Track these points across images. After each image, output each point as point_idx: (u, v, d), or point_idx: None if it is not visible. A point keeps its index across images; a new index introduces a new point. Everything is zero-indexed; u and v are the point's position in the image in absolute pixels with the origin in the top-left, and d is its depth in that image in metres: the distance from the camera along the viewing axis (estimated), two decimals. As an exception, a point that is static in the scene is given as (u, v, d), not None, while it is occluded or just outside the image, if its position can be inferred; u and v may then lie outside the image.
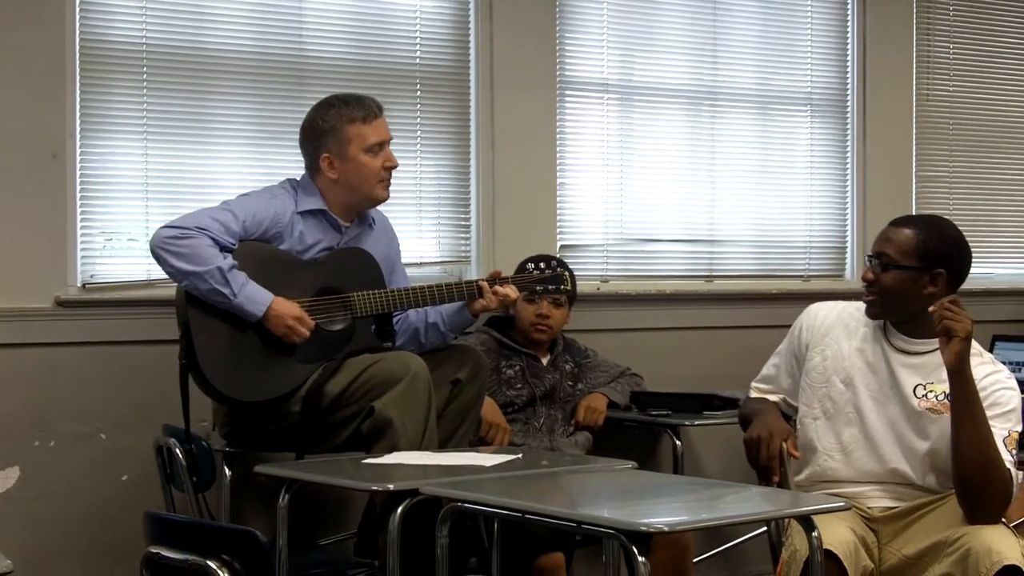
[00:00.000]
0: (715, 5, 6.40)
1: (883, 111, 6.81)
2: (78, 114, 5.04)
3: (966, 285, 4.18)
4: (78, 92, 5.04)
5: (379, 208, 4.92)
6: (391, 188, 4.82)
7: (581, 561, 5.31)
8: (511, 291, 4.77)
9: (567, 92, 6.04)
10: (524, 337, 5.38)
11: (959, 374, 3.86)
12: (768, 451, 4.02)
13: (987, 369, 4.03)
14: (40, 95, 4.98)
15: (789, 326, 4.37)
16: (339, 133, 4.71)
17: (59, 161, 5.00)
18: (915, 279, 4.07)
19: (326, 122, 4.72)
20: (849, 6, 6.75)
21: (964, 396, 3.87)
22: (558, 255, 5.79)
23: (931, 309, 3.91)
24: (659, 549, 4.79)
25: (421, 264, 5.65)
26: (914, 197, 6.91)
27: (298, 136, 4.84)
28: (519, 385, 5.29)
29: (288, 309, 4.50)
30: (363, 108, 4.75)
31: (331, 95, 4.85)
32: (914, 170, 6.93)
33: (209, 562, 3.39)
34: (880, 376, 4.13)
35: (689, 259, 6.39)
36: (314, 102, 4.90)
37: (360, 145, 4.71)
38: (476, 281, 4.79)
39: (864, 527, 4.02)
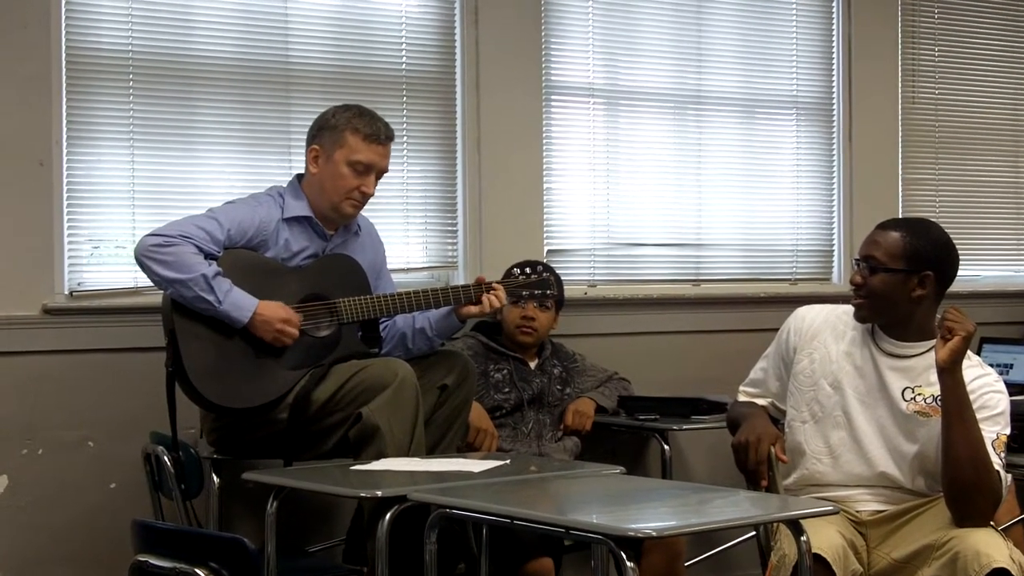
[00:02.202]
0: (700, 9, 6.41)
1: (869, 114, 6.81)
2: (64, 121, 5.04)
3: (953, 288, 4.19)
4: (64, 99, 5.03)
5: (365, 214, 4.92)
6: (380, 194, 4.82)
7: (570, 566, 5.31)
8: (498, 296, 4.76)
9: (553, 97, 6.04)
10: (511, 341, 5.38)
11: (950, 374, 3.86)
12: (756, 455, 4.02)
13: (976, 372, 4.03)
14: (26, 102, 4.97)
15: (776, 329, 4.37)
16: (337, 133, 4.71)
17: (45, 168, 5.00)
18: (903, 282, 4.07)
19: (335, 119, 4.74)
20: (834, 10, 6.75)
21: (955, 398, 3.87)
22: (545, 260, 5.80)
23: (939, 316, 3.92)
24: (651, 553, 4.79)
25: (408, 270, 5.65)
26: (900, 200, 6.91)
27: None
28: (507, 389, 5.29)
29: (274, 312, 4.49)
30: (372, 126, 4.74)
31: (356, 104, 4.85)
32: (900, 173, 6.94)
33: (197, 570, 3.39)
34: (868, 379, 4.14)
35: (676, 263, 6.39)
36: (299, 109, 4.94)
37: (347, 155, 4.71)
38: (462, 286, 4.79)
39: (853, 531, 4.02)
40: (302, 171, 4.83)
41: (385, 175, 4.83)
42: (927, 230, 4.17)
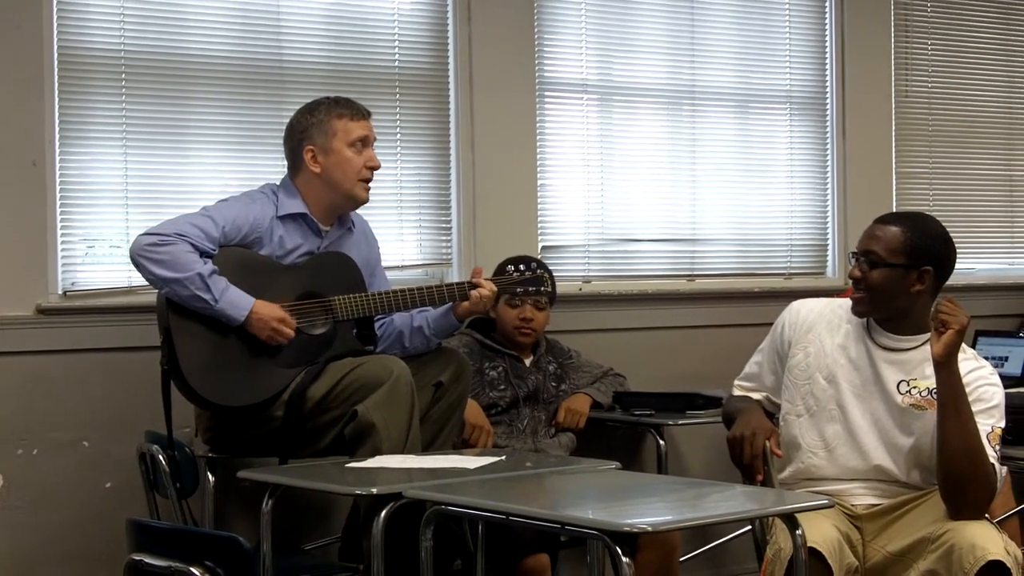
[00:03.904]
0: (693, 4, 6.41)
1: (862, 108, 6.82)
2: (57, 121, 5.03)
3: (948, 281, 4.18)
4: (57, 99, 5.03)
5: (359, 211, 4.92)
6: (373, 190, 4.82)
7: (566, 562, 5.31)
8: (487, 289, 4.76)
9: (546, 93, 6.04)
10: (507, 340, 5.38)
11: (946, 367, 3.86)
12: (751, 449, 4.02)
13: (970, 365, 4.03)
14: (19, 102, 4.97)
15: (771, 324, 4.37)
16: (324, 126, 4.72)
17: (39, 168, 4.99)
18: (903, 277, 4.06)
19: (314, 116, 4.75)
20: (827, 4, 6.76)
21: (951, 390, 3.87)
22: (540, 256, 5.80)
23: (933, 309, 3.92)
24: (647, 548, 4.79)
25: (402, 267, 5.65)
26: (894, 194, 6.92)
27: (283, 135, 4.85)
28: (502, 386, 5.28)
29: (270, 311, 4.50)
30: (351, 107, 4.78)
31: (321, 97, 4.85)
32: (894, 167, 6.94)
33: (192, 568, 3.38)
34: (863, 373, 4.14)
35: (670, 258, 6.40)
36: (293, 107, 4.91)
37: (344, 139, 4.72)
38: (457, 283, 4.79)
39: (848, 524, 4.02)
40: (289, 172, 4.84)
41: (379, 172, 4.83)
42: (926, 225, 4.16)
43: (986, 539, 3.73)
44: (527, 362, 5.41)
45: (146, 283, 4.61)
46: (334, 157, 4.72)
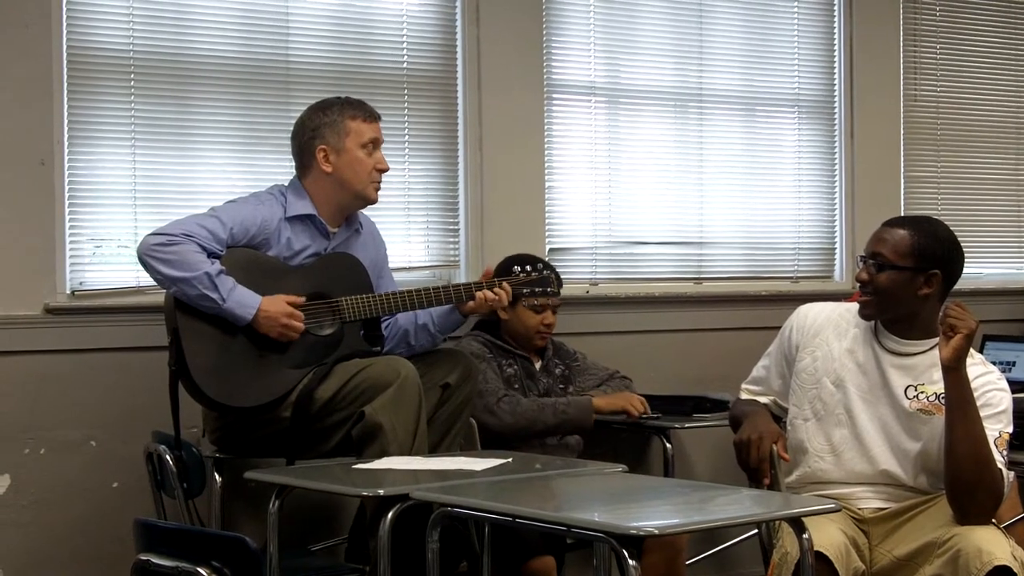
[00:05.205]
0: (701, 8, 6.40)
1: (870, 112, 6.81)
2: (66, 120, 5.03)
3: (955, 285, 4.18)
4: (65, 98, 5.03)
5: (367, 212, 4.93)
6: (380, 192, 4.83)
7: (572, 565, 5.31)
8: (503, 295, 4.75)
9: (554, 95, 6.04)
10: (520, 342, 5.36)
11: (955, 372, 3.85)
12: (758, 453, 4.02)
13: (978, 370, 4.02)
14: (27, 101, 4.97)
15: (778, 327, 4.37)
16: (338, 126, 4.73)
17: (47, 167, 5.00)
18: (910, 280, 4.06)
19: (327, 115, 4.76)
20: (836, 7, 6.75)
21: (959, 395, 3.86)
22: (547, 258, 5.79)
23: (941, 313, 3.91)
24: (653, 551, 4.78)
25: (410, 268, 5.65)
26: (902, 198, 6.91)
27: (291, 134, 4.85)
28: (516, 386, 5.27)
29: (278, 308, 4.50)
30: (363, 109, 4.80)
31: (331, 97, 4.86)
32: (902, 171, 6.94)
33: (199, 569, 3.38)
34: (870, 377, 4.13)
35: (678, 261, 6.39)
36: (300, 108, 4.91)
37: (357, 140, 4.74)
38: (464, 285, 4.79)
39: (855, 528, 4.02)
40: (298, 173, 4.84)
41: (387, 173, 4.85)
42: (934, 228, 4.15)
43: (993, 544, 3.73)
44: (536, 365, 5.41)
45: (154, 283, 4.62)
46: (346, 157, 4.73)
